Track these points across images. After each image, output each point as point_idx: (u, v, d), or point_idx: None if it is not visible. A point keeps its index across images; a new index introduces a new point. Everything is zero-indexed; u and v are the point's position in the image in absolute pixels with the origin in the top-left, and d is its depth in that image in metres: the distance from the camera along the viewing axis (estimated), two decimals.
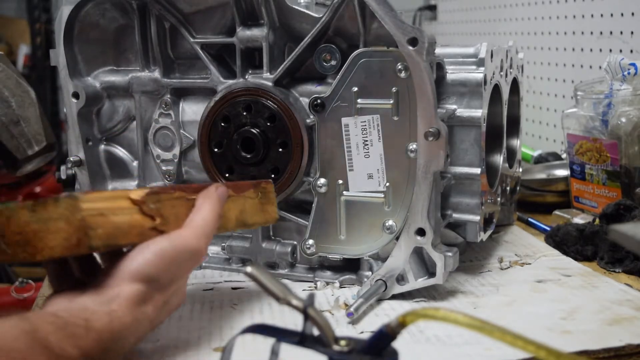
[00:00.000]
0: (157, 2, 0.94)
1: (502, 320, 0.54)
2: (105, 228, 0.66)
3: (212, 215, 0.73)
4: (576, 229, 1.04)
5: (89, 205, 0.65)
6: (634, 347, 0.72)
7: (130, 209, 0.69)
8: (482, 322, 0.47)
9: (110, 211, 0.67)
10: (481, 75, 0.90)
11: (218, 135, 0.94)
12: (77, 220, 0.64)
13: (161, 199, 0.72)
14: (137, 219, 0.69)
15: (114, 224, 0.67)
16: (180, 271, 0.70)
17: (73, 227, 0.65)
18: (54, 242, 0.65)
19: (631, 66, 1.14)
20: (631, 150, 1.13)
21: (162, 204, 0.72)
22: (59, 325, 0.58)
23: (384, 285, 0.85)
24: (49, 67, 3.39)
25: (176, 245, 0.68)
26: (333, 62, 0.89)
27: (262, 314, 0.84)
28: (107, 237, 0.66)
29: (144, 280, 0.65)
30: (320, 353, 0.52)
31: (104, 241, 0.66)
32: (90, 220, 0.65)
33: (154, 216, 0.70)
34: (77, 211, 0.64)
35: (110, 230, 0.67)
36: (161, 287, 0.67)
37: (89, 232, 0.65)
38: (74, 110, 0.99)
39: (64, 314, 0.60)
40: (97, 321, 0.60)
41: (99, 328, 0.60)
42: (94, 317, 0.60)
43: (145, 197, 0.70)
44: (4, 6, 3.75)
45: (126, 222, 0.68)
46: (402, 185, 0.86)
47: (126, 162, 1.04)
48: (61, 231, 0.65)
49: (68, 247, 0.65)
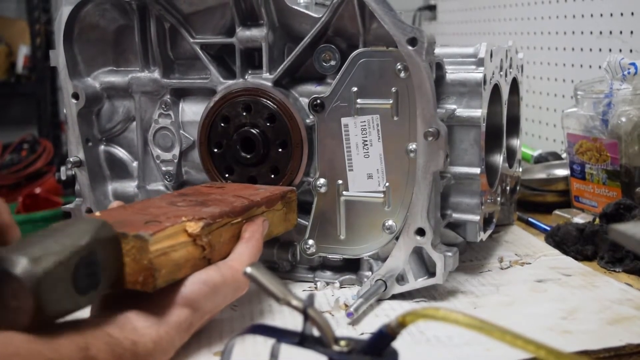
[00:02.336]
0: (157, 2, 0.94)
1: (502, 320, 0.54)
2: (167, 267, 0.67)
3: (257, 249, 0.76)
4: (576, 228, 1.04)
5: (156, 247, 0.65)
6: (634, 347, 0.72)
7: (186, 242, 0.70)
8: (482, 322, 0.47)
9: (171, 249, 0.68)
10: (481, 75, 0.90)
11: (218, 136, 0.94)
12: (144, 261, 0.65)
13: (212, 229, 0.73)
14: (190, 251, 0.70)
15: (174, 261, 0.68)
16: (222, 302, 0.72)
17: (139, 267, 0.65)
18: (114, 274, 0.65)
19: (631, 66, 1.14)
20: (631, 150, 1.13)
21: (212, 234, 0.73)
22: (110, 345, 0.60)
23: (384, 285, 0.85)
24: (48, 68, 3.38)
25: (226, 277, 0.71)
26: (332, 62, 0.89)
27: (262, 315, 0.84)
28: (169, 275, 0.67)
29: (190, 307, 0.67)
30: (320, 353, 0.52)
31: (166, 279, 0.67)
32: (156, 261, 0.65)
33: (204, 247, 0.71)
34: (146, 253, 0.65)
35: (172, 268, 0.67)
36: (202, 315, 0.70)
37: (154, 273, 0.65)
38: (73, 111, 0.99)
39: (116, 334, 0.61)
40: (143, 345, 0.63)
41: (143, 353, 0.62)
42: (142, 341, 0.63)
43: (200, 231, 0.70)
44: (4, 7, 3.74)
45: (183, 257, 0.69)
46: (401, 185, 0.86)
47: (126, 162, 1.04)
48: (127, 266, 0.65)
49: (132, 282, 0.66)
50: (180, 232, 0.69)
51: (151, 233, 0.65)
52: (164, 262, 0.66)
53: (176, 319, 0.66)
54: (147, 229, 0.66)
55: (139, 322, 0.64)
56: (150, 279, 0.65)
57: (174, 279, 0.68)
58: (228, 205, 0.78)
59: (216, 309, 0.72)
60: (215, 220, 0.73)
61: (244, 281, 0.73)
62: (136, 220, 0.70)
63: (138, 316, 0.65)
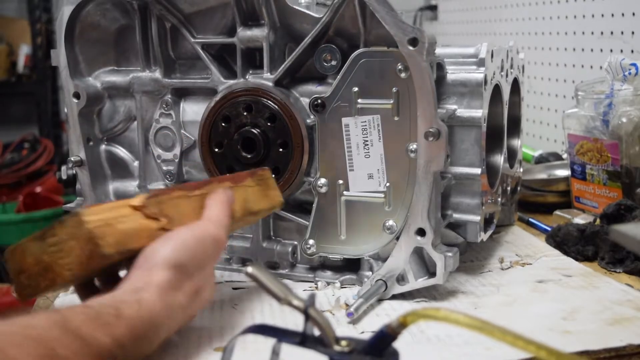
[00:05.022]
0: (158, 2, 0.94)
1: (502, 321, 0.53)
2: (113, 236, 0.68)
3: (224, 210, 0.76)
4: (577, 229, 1.04)
5: (92, 218, 0.67)
6: (634, 347, 0.72)
7: (133, 215, 0.71)
8: (482, 322, 0.47)
9: (114, 220, 0.69)
10: (481, 76, 0.90)
11: (219, 135, 0.94)
12: (84, 234, 0.67)
13: (161, 200, 0.74)
14: (143, 223, 0.71)
15: (121, 230, 0.69)
16: (205, 258, 0.71)
17: (82, 241, 0.67)
18: (69, 262, 0.67)
19: (632, 66, 1.14)
20: (632, 151, 1.13)
21: (165, 205, 0.74)
22: (90, 315, 0.58)
23: (384, 285, 0.85)
24: (49, 67, 3.39)
25: (196, 233, 0.71)
26: (333, 62, 0.89)
27: (263, 314, 0.84)
28: (117, 243, 0.68)
29: (171, 267, 0.67)
30: (321, 353, 0.52)
31: (115, 248, 0.68)
32: (97, 231, 0.67)
33: (158, 217, 0.72)
34: (82, 225, 0.67)
35: (119, 237, 0.69)
36: (189, 273, 0.68)
37: (98, 242, 0.66)
38: (75, 111, 0.99)
39: (93, 304, 0.61)
40: (127, 309, 0.60)
41: (130, 315, 0.60)
42: (124, 306, 0.61)
43: (145, 202, 0.72)
44: (5, 6, 3.75)
45: (133, 228, 0.70)
46: (402, 186, 0.86)
47: (127, 162, 1.04)
48: (73, 249, 0.67)
49: (83, 262, 0.67)
50: (122, 206, 0.71)
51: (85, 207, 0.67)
52: (109, 232, 0.68)
53: (158, 279, 0.65)
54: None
55: (117, 292, 0.64)
56: (97, 249, 0.66)
57: (128, 247, 0.69)
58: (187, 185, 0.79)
59: (201, 264, 0.70)
60: (164, 193, 0.75)
61: (219, 235, 0.72)
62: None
63: (117, 289, 0.65)
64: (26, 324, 0.55)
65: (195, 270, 0.69)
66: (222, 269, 0.99)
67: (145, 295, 0.63)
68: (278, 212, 0.94)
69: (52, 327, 0.55)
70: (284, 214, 0.94)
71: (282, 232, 0.97)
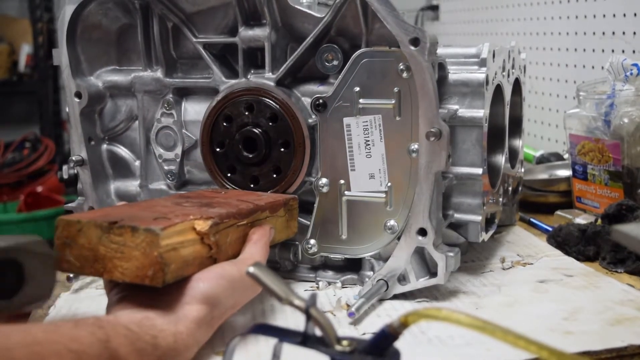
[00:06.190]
0: (160, 1, 0.95)
1: (504, 321, 0.53)
2: (176, 263, 0.67)
3: (265, 250, 0.77)
4: (578, 229, 1.04)
5: (166, 242, 0.66)
6: (636, 348, 0.72)
7: (194, 240, 0.70)
8: (484, 322, 0.47)
9: (180, 245, 0.68)
10: (483, 76, 0.90)
11: (220, 135, 0.94)
12: (154, 255, 0.65)
13: (220, 229, 0.73)
14: (198, 249, 0.71)
15: (183, 257, 0.68)
16: (240, 298, 0.72)
17: (149, 261, 0.65)
18: (126, 267, 0.66)
19: (633, 67, 1.14)
20: (633, 151, 1.13)
21: (220, 234, 0.73)
22: (130, 338, 0.60)
23: (386, 285, 0.85)
24: (51, 67, 3.39)
25: (242, 272, 0.70)
26: (335, 62, 0.89)
27: (264, 314, 0.84)
28: (177, 270, 0.67)
29: (209, 304, 0.67)
30: (322, 353, 0.52)
31: (175, 275, 0.67)
32: (166, 256, 0.66)
33: (211, 246, 0.72)
34: (156, 247, 0.65)
35: (180, 264, 0.68)
36: (223, 311, 0.70)
37: (164, 268, 0.65)
38: (76, 110, 0.99)
39: (135, 328, 0.61)
40: (163, 339, 0.62)
41: (165, 347, 0.62)
42: (161, 335, 0.63)
43: (209, 230, 0.71)
44: (6, 6, 3.75)
45: (191, 254, 0.69)
46: (403, 186, 0.86)
47: (128, 161, 1.04)
48: (135, 260, 0.66)
49: (141, 276, 0.66)
50: (189, 230, 0.70)
51: (162, 227, 0.66)
52: (174, 257, 0.67)
53: (195, 315, 0.66)
54: (157, 224, 0.67)
55: (157, 319, 0.64)
56: (160, 273, 0.65)
57: (182, 275, 0.68)
58: (234, 207, 0.79)
59: (236, 304, 0.72)
60: (222, 220, 0.74)
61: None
62: (144, 216, 0.71)
63: (156, 313, 0.65)
64: (71, 335, 0.56)
65: (229, 309, 0.71)
66: None
67: (181, 328, 0.64)
68: None
69: (93, 344, 0.57)
70: None
71: None
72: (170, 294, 0.67)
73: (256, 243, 0.77)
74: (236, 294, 0.71)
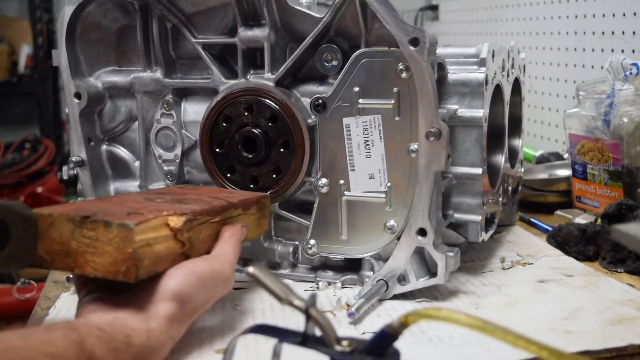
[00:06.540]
0: (159, 2, 0.95)
1: (504, 321, 0.53)
2: (149, 259, 0.67)
3: (237, 248, 0.77)
4: (578, 229, 1.04)
5: (140, 237, 0.65)
6: (636, 347, 0.72)
7: (167, 236, 0.70)
8: (484, 322, 0.47)
9: (154, 240, 0.67)
10: (483, 75, 0.90)
11: (219, 136, 0.94)
12: (128, 251, 0.65)
13: (193, 225, 0.73)
14: (171, 245, 0.70)
15: (156, 253, 0.68)
16: (213, 295, 0.72)
17: (122, 256, 0.65)
18: (98, 262, 0.66)
19: (633, 66, 1.14)
20: (633, 150, 1.13)
21: (193, 230, 0.73)
22: (104, 339, 0.60)
23: (386, 286, 0.85)
24: (50, 67, 3.39)
25: (214, 268, 0.71)
26: (334, 62, 0.89)
27: (264, 314, 0.84)
28: (150, 266, 0.67)
29: (179, 300, 0.67)
30: (322, 353, 0.52)
31: (147, 271, 0.67)
32: (140, 252, 0.65)
33: (184, 242, 0.72)
34: (130, 243, 0.65)
35: (153, 260, 0.67)
36: (195, 308, 0.69)
37: (138, 264, 0.65)
38: (76, 111, 0.99)
39: (107, 328, 0.62)
40: (136, 338, 0.63)
41: (139, 345, 0.63)
42: (134, 334, 0.63)
43: (182, 226, 0.71)
44: (6, 6, 3.75)
45: (164, 250, 0.69)
46: (403, 186, 0.86)
47: (128, 162, 1.04)
48: (108, 255, 0.65)
49: (113, 272, 0.65)
50: (162, 226, 0.69)
51: (136, 223, 0.65)
52: (147, 253, 0.66)
53: (166, 312, 0.66)
54: (131, 219, 0.66)
55: (129, 318, 0.64)
56: (132, 269, 0.64)
57: (154, 271, 0.68)
58: (207, 204, 0.78)
59: (208, 300, 0.71)
60: (196, 217, 0.74)
61: (230, 275, 0.73)
62: (117, 211, 0.70)
63: (127, 312, 0.65)
64: (46, 340, 0.57)
65: (201, 305, 0.70)
66: None
67: (153, 325, 0.64)
68: (279, 212, 0.94)
69: (69, 347, 0.57)
70: (285, 214, 0.94)
71: (283, 232, 0.97)
72: (141, 292, 0.67)
73: (228, 240, 0.77)
74: (207, 290, 0.70)
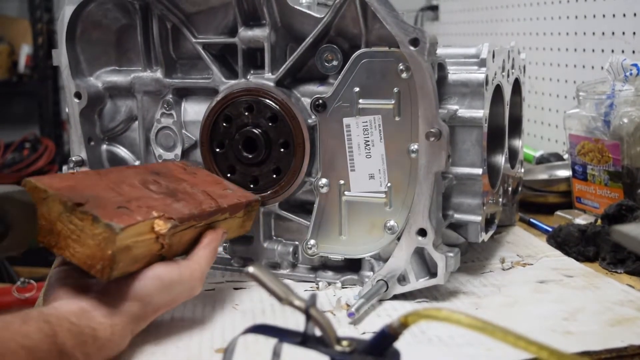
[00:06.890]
0: (160, 2, 0.95)
1: (504, 321, 0.53)
2: (125, 261, 0.68)
3: (211, 256, 0.79)
4: (578, 229, 1.04)
5: (122, 242, 0.66)
6: (636, 348, 0.72)
7: (150, 239, 0.71)
8: (484, 322, 0.47)
9: (134, 244, 0.68)
10: (483, 76, 0.90)
11: (220, 135, 0.94)
12: (108, 253, 0.66)
13: (177, 231, 0.74)
14: (150, 247, 0.71)
15: (133, 256, 0.69)
16: (176, 299, 0.75)
17: (101, 254, 0.66)
18: (78, 252, 0.67)
19: (633, 67, 1.14)
20: (633, 151, 1.13)
21: (175, 236, 0.74)
22: (73, 332, 0.64)
23: (386, 286, 0.85)
24: (50, 67, 3.39)
25: (183, 275, 0.74)
26: (335, 62, 0.89)
27: (264, 314, 0.84)
28: (125, 267, 0.69)
29: (142, 300, 0.70)
30: (322, 353, 0.52)
31: (121, 272, 0.69)
32: (118, 255, 0.66)
33: (164, 245, 0.72)
34: (111, 245, 0.66)
35: (129, 262, 0.69)
36: (155, 308, 0.72)
37: (113, 265, 0.66)
38: (76, 110, 0.99)
39: (75, 321, 0.65)
40: (102, 332, 0.67)
41: (103, 338, 0.67)
42: (100, 328, 0.67)
43: (166, 232, 0.71)
44: (6, 6, 3.74)
45: (142, 253, 0.70)
46: (403, 186, 0.86)
47: (128, 162, 1.04)
48: (88, 248, 0.67)
49: (89, 265, 0.67)
50: (147, 230, 0.70)
51: (122, 227, 0.66)
52: (125, 257, 0.68)
53: (129, 310, 0.69)
54: (119, 218, 0.67)
55: (95, 311, 0.67)
56: (107, 270, 0.66)
57: (127, 271, 0.69)
58: (197, 205, 0.79)
59: (171, 302, 0.74)
60: (182, 223, 0.74)
61: (196, 285, 0.76)
62: (109, 198, 0.71)
63: (94, 306, 0.68)
64: (23, 332, 0.60)
65: (160, 307, 0.73)
66: (222, 269, 0.99)
67: (117, 320, 0.68)
68: (279, 212, 0.94)
69: (43, 340, 0.61)
70: (285, 214, 0.94)
71: (283, 232, 0.97)
72: (110, 287, 0.70)
73: (206, 247, 0.79)
74: (171, 294, 0.73)
